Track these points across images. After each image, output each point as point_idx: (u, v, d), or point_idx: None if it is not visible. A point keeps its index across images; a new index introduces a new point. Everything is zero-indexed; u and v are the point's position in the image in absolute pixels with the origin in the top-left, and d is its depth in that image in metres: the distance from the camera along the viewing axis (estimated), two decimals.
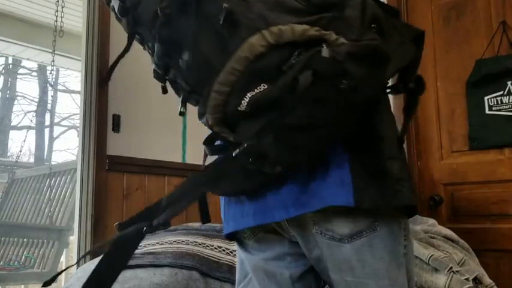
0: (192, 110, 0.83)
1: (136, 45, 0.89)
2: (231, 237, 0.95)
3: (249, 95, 0.68)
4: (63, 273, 3.82)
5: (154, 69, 0.85)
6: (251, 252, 0.95)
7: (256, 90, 0.68)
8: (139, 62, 2.67)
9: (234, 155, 0.71)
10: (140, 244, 1.78)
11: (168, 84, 0.88)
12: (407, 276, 0.81)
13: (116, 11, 0.85)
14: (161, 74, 0.84)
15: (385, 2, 2.61)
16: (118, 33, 2.57)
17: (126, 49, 0.90)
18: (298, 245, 0.88)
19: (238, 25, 0.69)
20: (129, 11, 0.82)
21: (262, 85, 0.68)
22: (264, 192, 0.81)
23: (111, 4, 0.88)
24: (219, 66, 0.70)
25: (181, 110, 0.83)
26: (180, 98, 0.84)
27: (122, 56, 0.95)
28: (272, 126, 0.68)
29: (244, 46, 0.68)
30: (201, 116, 0.79)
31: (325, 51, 0.67)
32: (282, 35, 0.68)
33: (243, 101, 0.69)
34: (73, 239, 2.81)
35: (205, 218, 0.87)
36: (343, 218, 0.77)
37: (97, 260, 1.75)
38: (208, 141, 0.84)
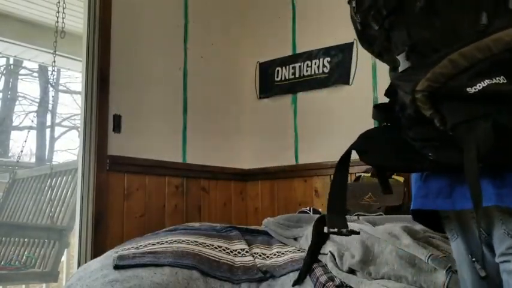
0: (192, 110, 0.83)
1: (139, 47, 0.89)
2: (417, 216, 0.90)
3: (487, 81, 0.64)
4: (64, 273, 3.83)
5: (369, 8, 0.78)
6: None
7: (494, 80, 0.64)
8: (141, 63, 2.69)
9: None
10: (140, 244, 1.80)
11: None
12: None
13: None
14: (381, 17, 0.76)
15: None
16: (118, 34, 2.58)
17: None
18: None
19: None
20: None
21: (501, 77, 0.64)
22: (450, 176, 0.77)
23: None
24: (466, 37, 0.66)
25: (404, 66, 0.74)
26: (381, 49, 0.79)
27: None
28: (493, 120, 0.64)
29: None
30: (408, 73, 0.72)
31: None
32: None
33: (478, 85, 0.64)
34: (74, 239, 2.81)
35: (384, 187, 0.84)
36: None
37: (96, 259, 1.76)
38: (381, 106, 0.83)
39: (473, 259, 0.85)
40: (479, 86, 0.64)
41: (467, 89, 0.65)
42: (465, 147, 0.66)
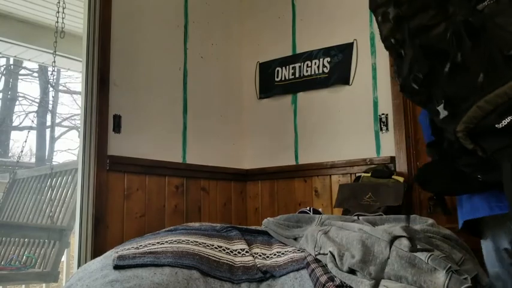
0: (192, 110, 0.83)
1: (139, 47, 0.89)
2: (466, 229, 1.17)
3: (510, 117, 0.85)
4: (64, 273, 3.84)
5: (409, 73, 0.98)
6: None
7: None
8: (141, 63, 2.69)
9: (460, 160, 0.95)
10: (140, 244, 1.80)
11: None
12: None
13: (390, 17, 1.00)
14: (419, 79, 0.96)
15: None
16: (118, 34, 2.58)
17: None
18: None
19: None
20: (403, 19, 0.98)
21: None
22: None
23: (382, 9, 1.01)
24: (488, 87, 0.86)
25: (444, 115, 0.95)
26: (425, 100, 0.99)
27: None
28: None
29: None
30: (448, 119, 0.93)
31: None
32: None
33: (503, 121, 0.86)
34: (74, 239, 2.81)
35: (444, 210, 1.12)
36: None
37: (96, 259, 1.76)
38: (432, 144, 1.05)
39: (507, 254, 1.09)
40: (505, 122, 0.85)
41: (496, 125, 0.86)
42: (503, 167, 0.88)
